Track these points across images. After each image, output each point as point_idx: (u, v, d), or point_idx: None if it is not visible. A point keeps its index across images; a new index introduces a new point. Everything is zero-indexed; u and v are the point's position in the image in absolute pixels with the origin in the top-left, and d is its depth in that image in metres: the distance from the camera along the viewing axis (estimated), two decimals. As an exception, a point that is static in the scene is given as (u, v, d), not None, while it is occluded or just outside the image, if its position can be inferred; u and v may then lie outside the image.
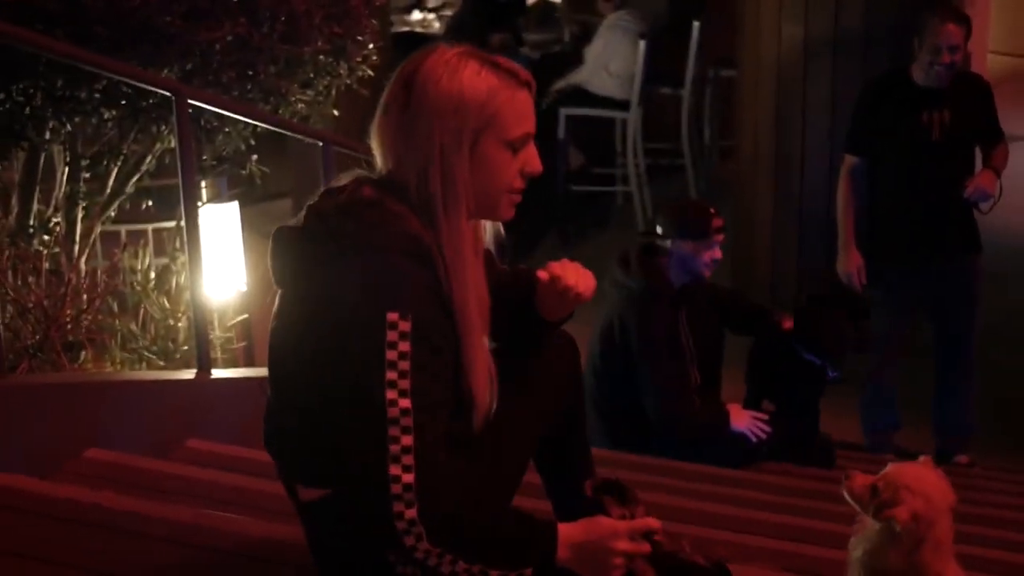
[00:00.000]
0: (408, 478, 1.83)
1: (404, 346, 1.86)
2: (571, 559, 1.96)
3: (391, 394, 1.85)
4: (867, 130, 4.85)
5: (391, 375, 1.85)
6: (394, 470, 1.83)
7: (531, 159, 2.07)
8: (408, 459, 1.83)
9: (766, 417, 4.49)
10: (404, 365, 1.86)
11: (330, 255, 1.97)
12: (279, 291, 2.09)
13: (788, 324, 4.60)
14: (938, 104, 4.73)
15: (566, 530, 1.97)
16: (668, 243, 4.32)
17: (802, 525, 3.47)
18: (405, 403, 1.85)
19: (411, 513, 1.82)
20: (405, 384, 1.85)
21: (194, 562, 2.55)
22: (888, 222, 4.88)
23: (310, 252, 2.01)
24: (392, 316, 1.86)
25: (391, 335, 1.86)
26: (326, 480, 2.06)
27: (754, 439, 4.42)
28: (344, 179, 2.08)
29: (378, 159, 2.06)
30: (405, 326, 1.86)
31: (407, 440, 1.84)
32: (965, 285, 4.95)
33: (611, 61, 8.14)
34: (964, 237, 4.91)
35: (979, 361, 5.14)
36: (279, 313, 2.08)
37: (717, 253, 4.34)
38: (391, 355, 1.86)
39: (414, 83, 1.99)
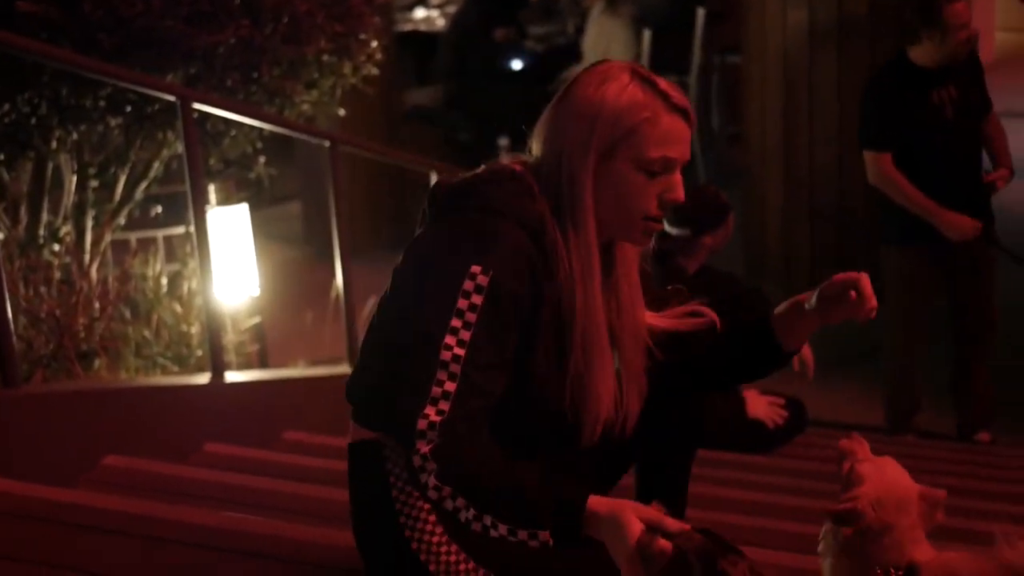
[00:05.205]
0: (437, 419, 1.85)
1: (476, 299, 1.89)
2: (593, 534, 1.88)
3: (450, 339, 1.88)
4: (889, 122, 4.81)
5: (456, 322, 1.88)
6: (428, 409, 1.85)
7: (672, 186, 2.03)
8: (445, 404, 1.86)
9: (783, 402, 4.48)
10: (471, 317, 1.88)
11: (447, 212, 2.02)
12: None
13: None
14: (943, 82, 4.74)
15: (595, 504, 1.87)
16: (693, 238, 4.32)
17: (819, 508, 3.45)
18: (460, 351, 1.88)
19: (425, 448, 1.84)
20: (466, 335, 1.88)
21: (216, 565, 2.55)
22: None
23: (433, 214, 2.05)
24: (475, 268, 1.89)
25: (468, 284, 1.89)
26: (371, 423, 2.09)
27: (771, 425, 4.41)
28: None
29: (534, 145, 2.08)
30: (483, 280, 1.89)
31: (450, 386, 1.86)
32: (983, 253, 4.96)
33: (610, 48, 8.13)
34: (981, 207, 4.91)
35: (999, 340, 5.14)
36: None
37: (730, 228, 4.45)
38: (462, 303, 1.89)
39: (571, 85, 2.03)
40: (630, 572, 1.81)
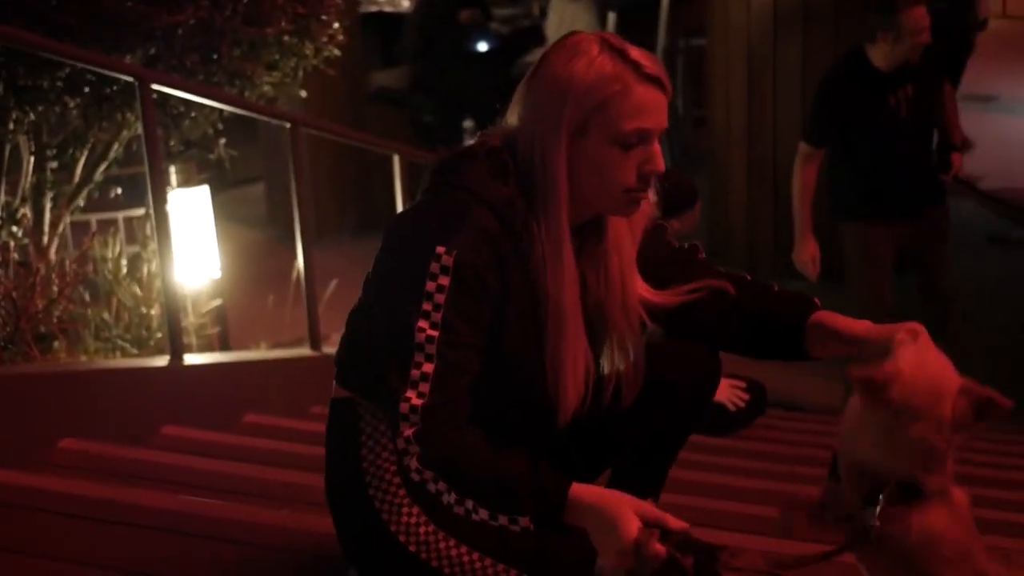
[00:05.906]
0: (418, 402, 1.86)
1: (443, 280, 1.89)
2: (579, 523, 1.87)
3: (423, 323, 1.88)
4: (834, 124, 4.85)
5: (426, 306, 1.89)
6: (409, 393, 1.87)
7: (651, 157, 2.00)
8: (425, 386, 1.87)
9: (743, 385, 4.50)
10: (439, 298, 1.89)
11: (427, 191, 2.02)
12: None
13: None
14: (901, 82, 4.78)
15: (581, 494, 1.86)
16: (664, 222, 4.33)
17: (784, 490, 3.47)
18: (433, 333, 1.88)
19: (409, 432, 1.85)
20: (437, 317, 1.89)
21: (173, 549, 2.54)
22: (867, 190, 4.90)
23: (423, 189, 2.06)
24: (439, 249, 1.89)
25: (434, 266, 1.89)
26: (352, 387, 2.11)
27: (732, 408, 4.43)
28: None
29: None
30: (448, 260, 1.89)
31: (428, 367, 1.88)
32: (941, 230, 5.07)
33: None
34: (935, 188, 5.00)
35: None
36: None
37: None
38: (430, 286, 1.89)
39: (543, 61, 1.99)
40: (616, 564, 1.80)
